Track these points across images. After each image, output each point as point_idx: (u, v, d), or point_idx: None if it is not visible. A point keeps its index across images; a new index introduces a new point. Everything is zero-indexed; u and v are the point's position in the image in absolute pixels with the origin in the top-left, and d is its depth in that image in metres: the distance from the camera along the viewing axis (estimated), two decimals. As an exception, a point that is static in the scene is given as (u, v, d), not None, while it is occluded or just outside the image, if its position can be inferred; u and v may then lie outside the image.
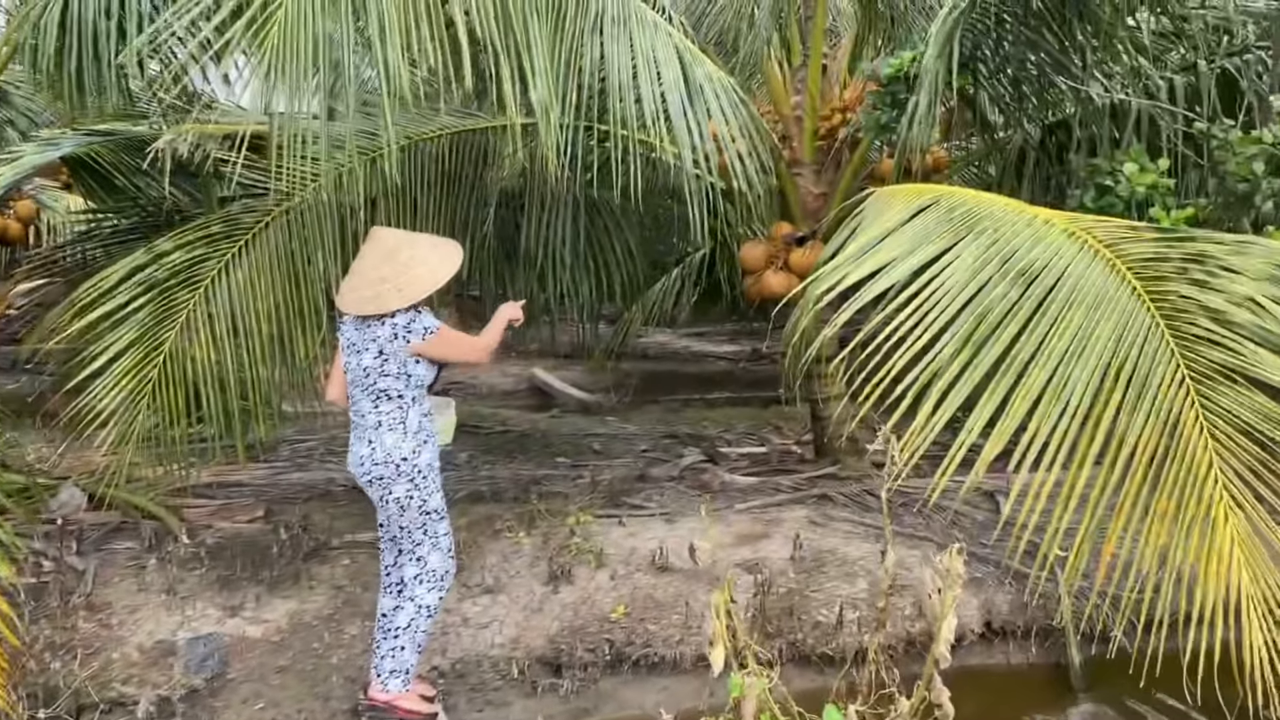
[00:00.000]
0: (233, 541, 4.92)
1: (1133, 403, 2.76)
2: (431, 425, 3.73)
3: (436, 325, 3.61)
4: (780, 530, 5.23)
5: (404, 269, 3.58)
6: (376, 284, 3.57)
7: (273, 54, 3.49)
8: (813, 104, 6.00)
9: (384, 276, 3.57)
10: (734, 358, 13.28)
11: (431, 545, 3.70)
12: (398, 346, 3.55)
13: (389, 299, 3.54)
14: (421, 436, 3.63)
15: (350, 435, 3.73)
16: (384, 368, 3.56)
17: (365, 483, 3.66)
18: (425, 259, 3.66)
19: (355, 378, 3.64)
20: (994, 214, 3.64)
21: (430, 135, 5.07)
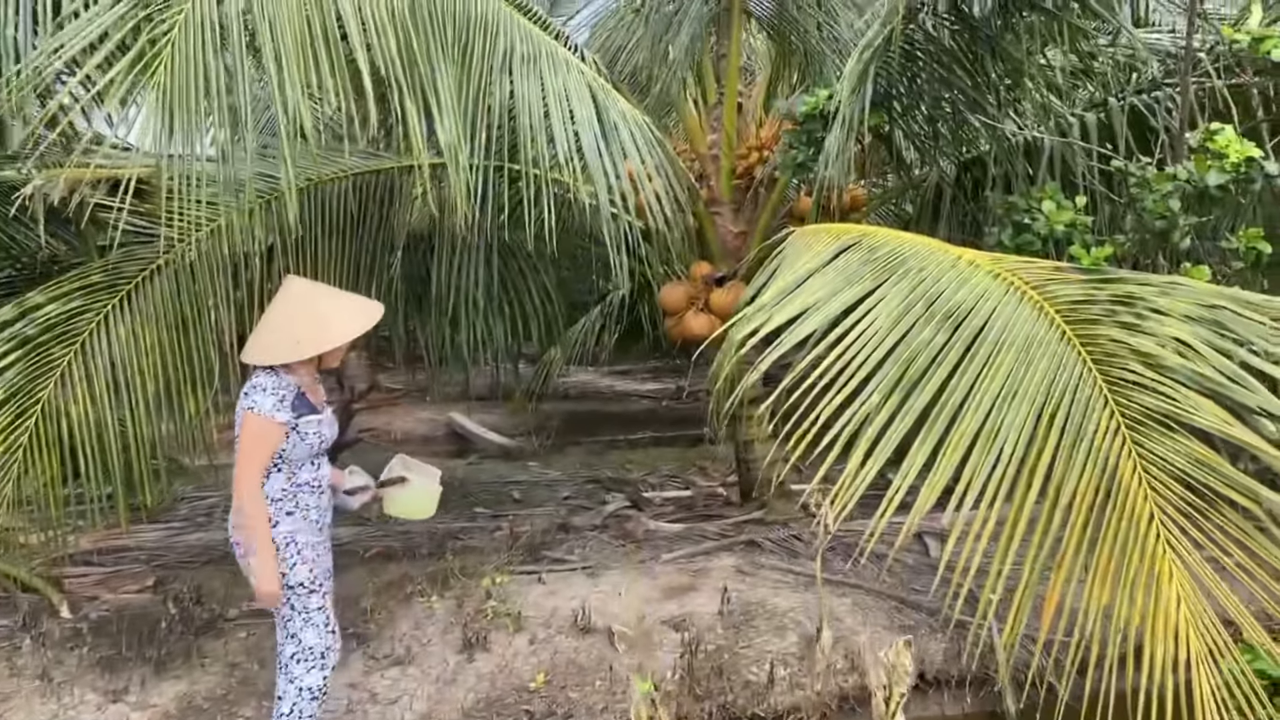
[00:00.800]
0: (119, 615, 4.53)
1: (1068, 450, 2.64)
2: (311, 496, 3.38)
3: (262, 414, 3.22)
4: (708, 581, 5.03)
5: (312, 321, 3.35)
6: (278, 334, 3.34)
7: (162, 93, 3.23)
8: (729, 142, 5.91)
9: (287, 326, 3.35)
10: (657, 396, 13.15)
11: (304, 621, 3.36)
12: (241, 409, 3.29)
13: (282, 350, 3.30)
14: (283, 506, 3.31)
15: None
16: (238, 429, 3.30)
17: (232, 546, 3.40)
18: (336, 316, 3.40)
19: None
20: (917, 255, 3.54)
21: (333, 177, 4.81)
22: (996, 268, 3.24)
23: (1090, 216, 4.33)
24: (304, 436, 3.32)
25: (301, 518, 3.35)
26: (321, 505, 3.44)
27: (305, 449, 3.34)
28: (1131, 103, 5.19)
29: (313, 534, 3.39)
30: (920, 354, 3.08)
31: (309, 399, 3.37)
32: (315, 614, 3.37)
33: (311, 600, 3.36)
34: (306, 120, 3.17)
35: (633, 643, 4.32)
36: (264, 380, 3.29)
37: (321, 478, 3.45)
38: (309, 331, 3.30)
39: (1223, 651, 2.26)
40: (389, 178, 5.02)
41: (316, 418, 3.37)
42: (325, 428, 3.42)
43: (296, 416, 3.29)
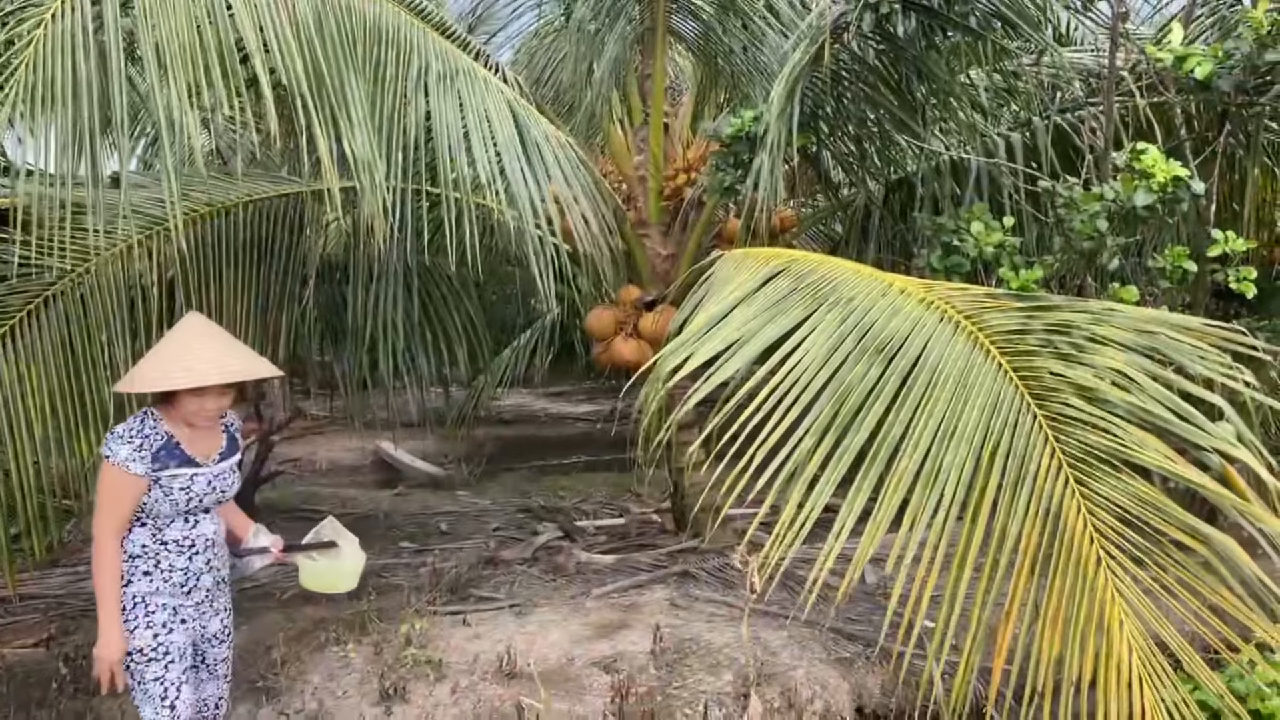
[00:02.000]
0: (9, 674, 4.21)
1: (1010, 490, 2.53)
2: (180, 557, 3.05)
3: (115, 463, 2.92)
4: (640, 617, 4.87)
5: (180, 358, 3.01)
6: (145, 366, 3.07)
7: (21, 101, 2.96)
8: (656, 163, 5.79)
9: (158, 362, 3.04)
10: (592, 418, 12.96)
11: (141, 692, 3.03)
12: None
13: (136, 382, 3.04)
14: (141, 564, 3.00)
15: None
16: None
17: None
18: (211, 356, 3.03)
19: None
20: (847, 282, 3.43)
21: (235, 202, 4.55)
22: (929, 296, 3.14)
23: (1018, 238, 4.28)
24: (168, 492, 2.99)
25: (163, 579, 3.02)
26: (193, 568, 3.08)
27: (170, 505, 3.00)
28: (1056, 122, 5.18)
29: (175, 597, 3.05)
30: (854, 390, 2.96)
31: (183, 450, 3.03)
32: (151, 685, 3.01)
33: (149, 670, 3.01)
34: (195, 138, 2.92)
35: (563, 683, 4.13)
36: (125, 427, 2.99)
37: (197, 536, 3.09)
38: (171, 368, 2.97)
39: (1180, 710, 2.15)
40: (298, 202, 4.78)
41: (189, 471, 3.03)
42: (203, 483, 3.07)
43: (158, 469, 2.96)
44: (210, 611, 3.19)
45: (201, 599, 3.14)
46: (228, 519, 3.35)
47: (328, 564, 3.43)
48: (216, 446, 3.17)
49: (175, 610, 3.06)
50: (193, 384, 2.94)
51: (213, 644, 3.22)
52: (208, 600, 3.17)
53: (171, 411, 3.04)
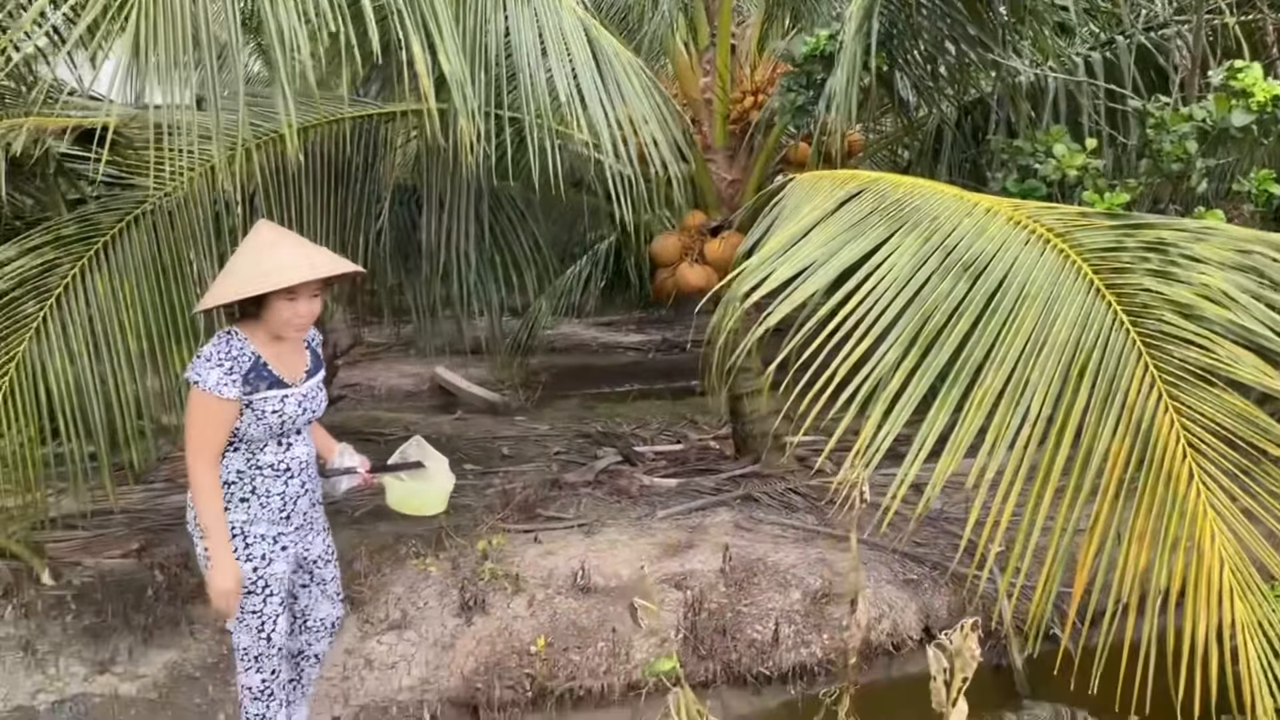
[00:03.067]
0: (103, 582, 4.40)
1: (1100, 407, 2.53)
2: (275, 482, 2.97)
3: (206, 389, 2.79)
4: (706, 538, 4.95)
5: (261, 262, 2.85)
6: (226, 279, 2.92)
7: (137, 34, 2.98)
8: (722, 86, 5.71)
9: (238, 270, 2.89)
10: (643, 348, 13.01)
11: (237, 621, 3.01)
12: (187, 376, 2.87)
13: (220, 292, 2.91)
14: (237, 491, 2.92)
15: None
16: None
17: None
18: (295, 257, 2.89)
19: None
20: (930, 202, 3.40)
21: (315, 123, 4.59)
22: (1017, 214, 3.10)
23: (1101, 160, 4.19)
24: (260, 416, 2.87)
25: (260, 506, 2.94)
26: (289, 491, 3.01)
27: (263, 429, 2.90)
28: (1140, 41, 5.02)
29: (274, 524, 2.99)
30: (938, 309, 2.95)
31: (271, 370, 2.91)
32: (250, 617, 3.00)
33: (247, 602, 2.97)
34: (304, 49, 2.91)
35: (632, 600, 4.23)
36: (211, 349, 2.85)
37: (292, 459, 3.00)
38: (252, 274, 2.82)
39: (1271, 621, 2.16)
40: (373, 126, 4.80)
41: (279, 393, 2.91)
42: (294, 404, 2.95)
43: (249, 392, 2.85)
44: (311, 533, 3.18)
45: (301, 523, 3.10)
46: (313, 439, 3.25)
47: (417, 485, 3.36)
48: (302, 365, 3.06)
49: (275, 539, 3.00)
50: (284, 284, 2.78)
51: (319, 564, 3.23)
52: (307, 524, 3.14)
53: (258, 328, 2.92)
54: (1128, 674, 2.32)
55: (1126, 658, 2.33)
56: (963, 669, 1.97)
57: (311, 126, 4.53)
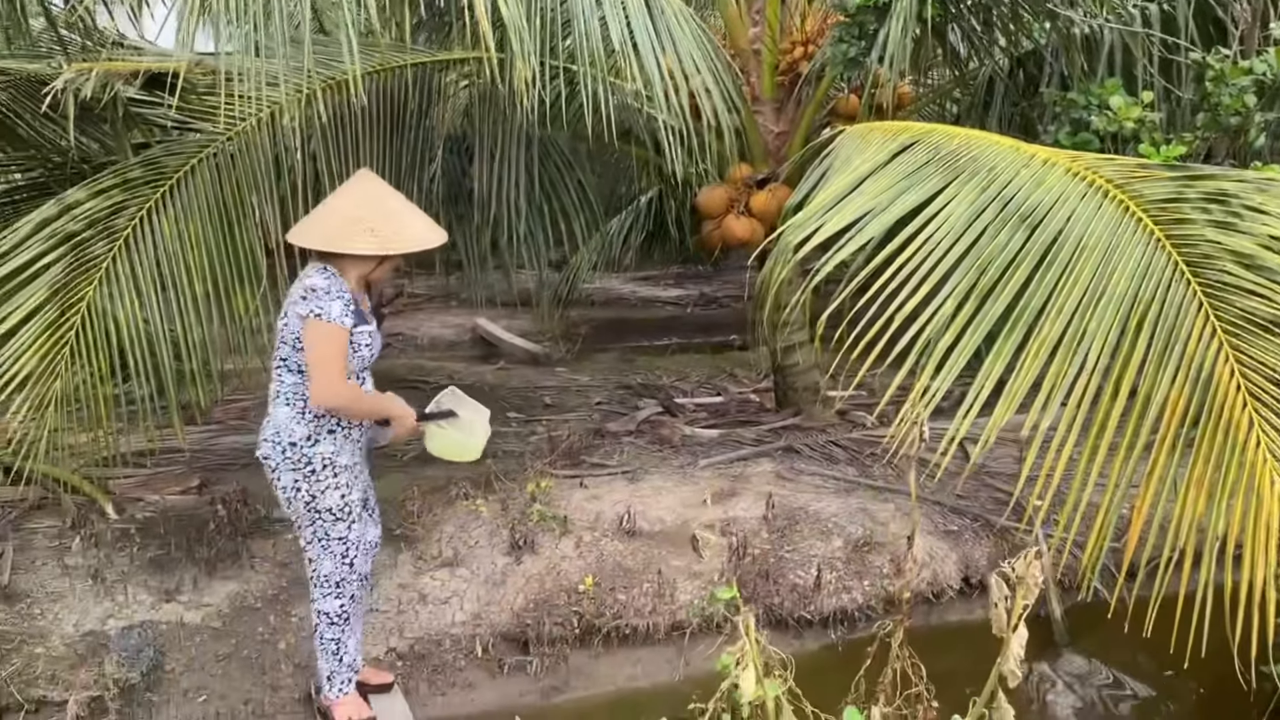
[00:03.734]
0: (165, 517, 4.55)
1: (1159, 357, 2.55)
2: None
3: (332, 319, 2.96)
4: (748, 487, 5.02)
5: (388, 217, 3.09)
6: (349, 222, 3.04)
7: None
8: (772, 36, 5.68)
9: (361, 217, 3.04)
10: (681, 302, 13.02)
11: (322, 548, 3.23)
12: (295, 315, 3.02)
13: (357, 239, 3.02)
14: (326, 424, 3.11)
15: None
16: (283, 333, 3.08)
17: (262, 459, 3.21)
18: (413, 220, 3.19)
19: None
20: (987, 153, 3.40)
21: (374, 70, 4.63)
22: (1076, 166, 3.10)
23: (1158, 113, 4.15)
24: (356, 349, 3.08)
25: (344, 438, 3.16)
26: (364, 425, 3.26)
27: (357, 362, 3.12)
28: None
29: (353, 455, 3.21)
30: (994, 260, 2.97)
31: (359, 307, 3.12)
32: (335, 544, 3.24)
33: (334, 529, 3.22)
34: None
35: (680, 543, 4.32)
36: (324, 283, 2.99)
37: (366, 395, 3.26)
38: (385, 227, 3.01)
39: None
40: (428, 73, 4.84)
41: (367, 329, 3.15)
42: (375, 340, 3.20)
43: (353, 325, 3.03)
44: (368, 464, 3.43)
45: (367, 452, 3.38)
46: None
47: (458, 435, 3.49)
48: (368, 306, 3.28)
49: (355, 469, 3.21)
50: (421, 247, 3.10)
51: (370, 491, 3.45)
52: (365, 454, 3.39)
53: (350, 270, 3.08)
54: (1180, 625, 2.37)
55: (1180, 608, 2.38)
56: (1025, 596, 2.02)
57: (369, 74, 4.58)
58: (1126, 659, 4.09)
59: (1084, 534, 4.24)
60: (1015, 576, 2.02)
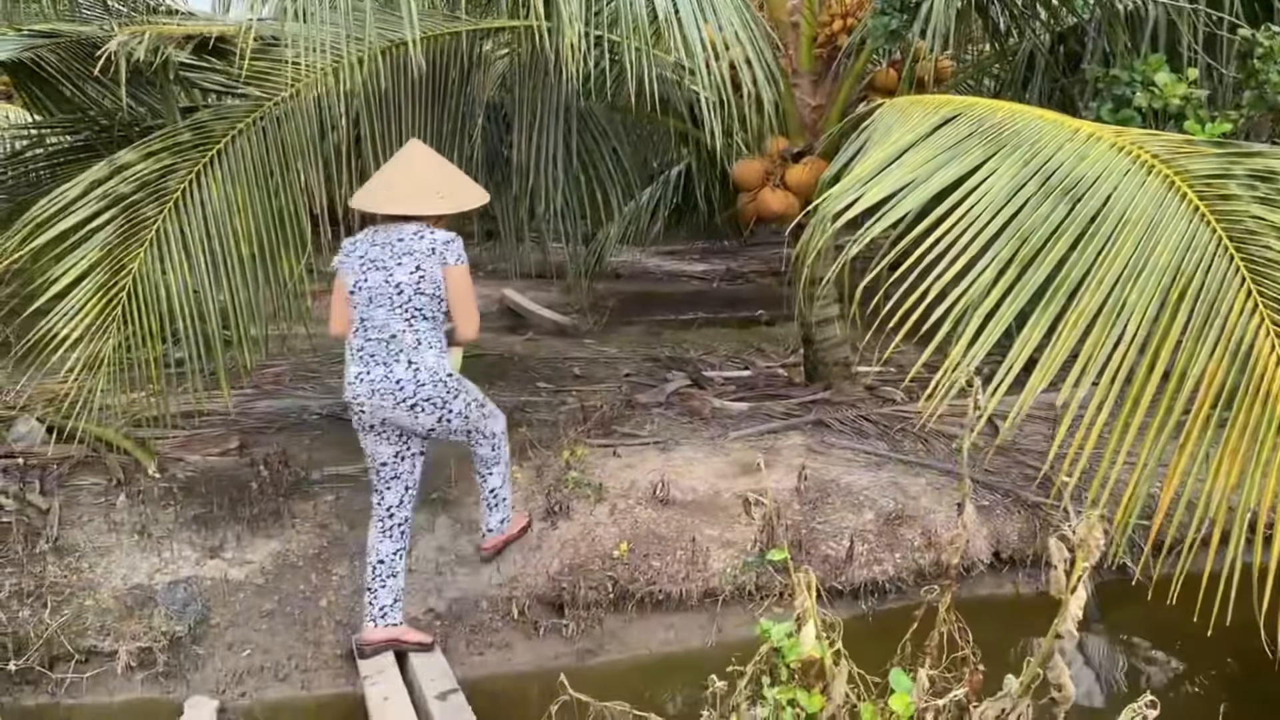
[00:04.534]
0: (207, 476, 4.65)
1: (1197, 331, 2.56)
2: None
3: (467, 263, 3.51)
4: (780, 459, 5.06)
5: (451, 179, 3.61)
6: (421, 188, 3.48)
7: None
8: (810, 9, 5.66)
9: (428, 182, 3.50)
10: (708, 277, 13.04)
11: (492, 417, 3.81)
12: (434, 263, 3.43)
13: (432, 203, 3.48)
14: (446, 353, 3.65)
15: (359, 359, 3.51)
16: (420, 285, 3.42)
17: (406, 406, 3.48)
18: (467, 182, 3.67)
19: (381, 296, 3.44)
20: (1030, 126, 3.40)
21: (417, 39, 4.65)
22: (1120, 140, 3.10)
23: (1204, 90, 4.13)
24: None
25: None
26: None
27: None
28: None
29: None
30: (1036, 231, 2.98)
31: None
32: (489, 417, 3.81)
33: (482, 407, 3.76)
34: None
35: (712, 512, 4.37)
36: (454, 237, 3.50)
37: None
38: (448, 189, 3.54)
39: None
40: (467, 42, 4.86)
41: None
42: None
43: None
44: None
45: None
46: None
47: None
48: None
49: None
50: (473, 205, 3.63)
51: None
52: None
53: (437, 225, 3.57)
54: (1206, 600, 2.40)
55: (1206, 584, 2.41)
56: (1086, 557, 2.05)
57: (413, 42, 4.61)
58: (1152, 634, 4.12)
59: (1114, 510, 4.30)
60: (1077, 539, 2.04)
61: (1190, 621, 2.57)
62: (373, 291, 3.43)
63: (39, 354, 3.96)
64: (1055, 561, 2.13)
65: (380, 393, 3.46)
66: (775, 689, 2.49)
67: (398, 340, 3.43)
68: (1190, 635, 3.48)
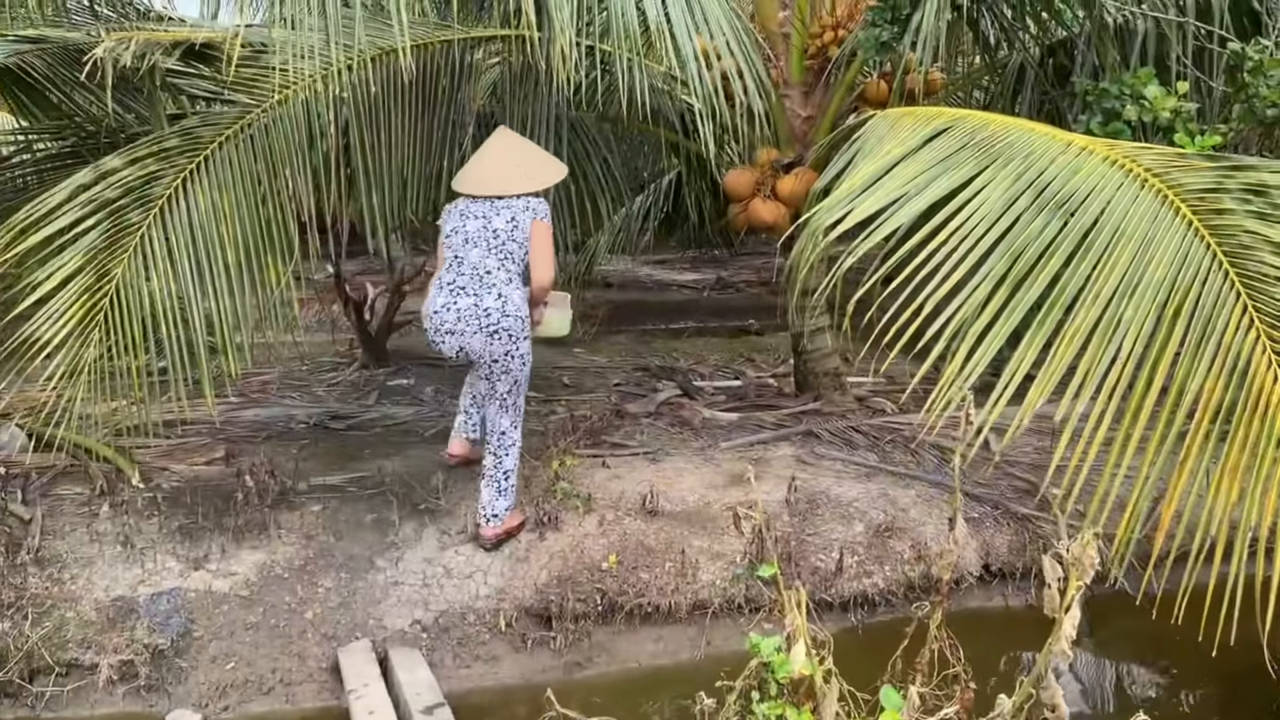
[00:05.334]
0: (191, 486, 4.60)
1: (1194, 347, 2.55)
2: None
3: (549, 222, 4.09)
4: (769, 470, 5.04)
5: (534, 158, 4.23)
6: (508, 171, 4.09)
7: None
8: (801, 18, 5.66)
9: (514, 165, 4.11)
10: (697, 286, 13.02)
11: (519, 391, 4.19)
12: (526, 218, 4.02)
13: (518, 183, 4.06)
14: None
15: (448, 291, 4.02)
16: (513, 233, 4.00)
17: (489, 337, 3.96)
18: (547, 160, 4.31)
19: (478, 238, 4.01)
20: (1022, 140, 3.40)
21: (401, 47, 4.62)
22: (1113, 154, 3.10)
23: (1194, 104, 4.13)
24: None
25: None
26: None
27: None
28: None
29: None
30: (1029, 246, 2.98)
31: None
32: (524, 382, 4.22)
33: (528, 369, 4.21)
34: None
35: (702, 523, 4.35)
36: (541, 201, 4.08)
37: None
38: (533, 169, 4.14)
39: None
40: (460, 50, 4.83)
41: None
42: None
43: None
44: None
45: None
46: None
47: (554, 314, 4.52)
48: None
49: None
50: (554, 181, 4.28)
51: None
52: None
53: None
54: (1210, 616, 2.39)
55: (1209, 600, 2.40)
56: (1079, 576, 2.03)
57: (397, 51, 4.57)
58: (1147, 650, 4.11)
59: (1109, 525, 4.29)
60: (1071, 558, 2.02)
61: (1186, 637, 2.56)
62: (470, 234, 4.01)
63: (20, 360, 3.90)
64: (1049, 580, 2.11)
65: (466, 319, 3.95)
66: (764, 704, 2.47)
67: (492, 275, 3.97)
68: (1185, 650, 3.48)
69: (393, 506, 4.40)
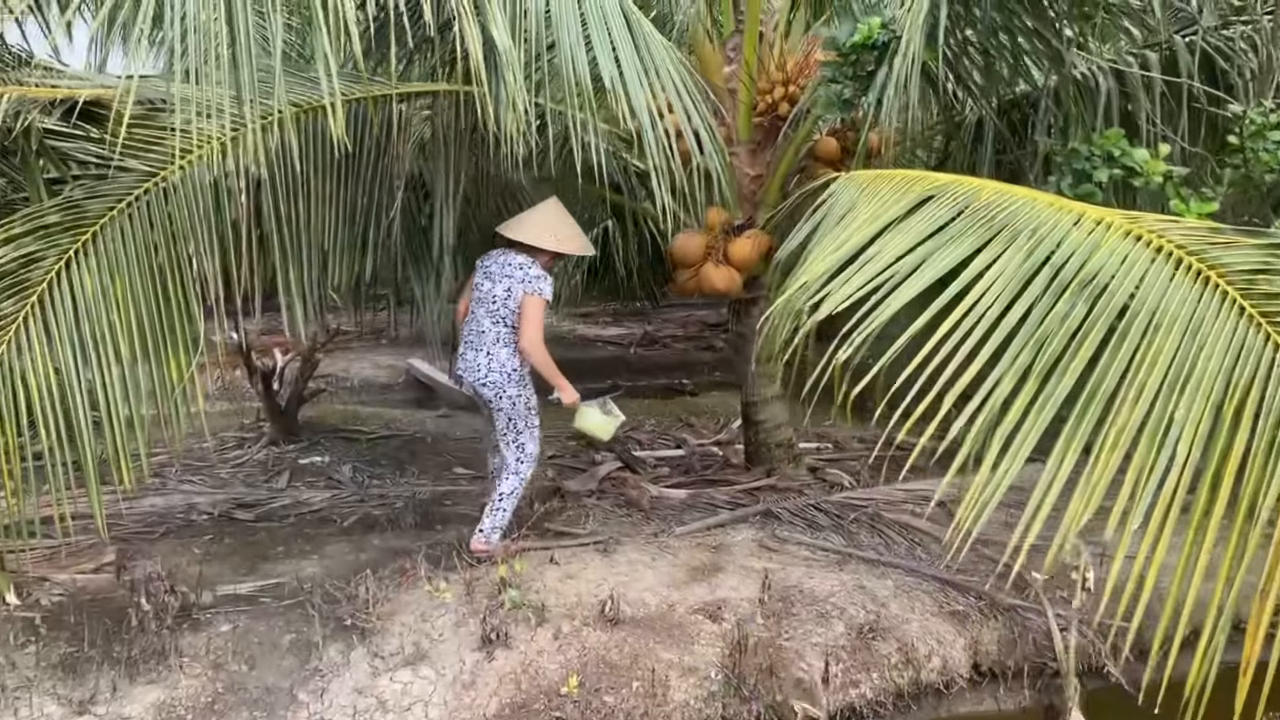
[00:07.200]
0: (76, 602, 3.99)
1: (1264, 453, 2.23)
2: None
3: (547, 296, 4.41)
4: (731, 559, 4.64)
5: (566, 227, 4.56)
6: (542, 228, 4.45)
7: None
8: (749, 74, 5.36)
9: (549, 225, 4.48)
10: (623, 342, 12.65)
11: (530, 435, 4.55)
12: (520, 288, 4.37)
13: (545, 239, 4.44)
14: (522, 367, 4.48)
15: (464, 344, 4.53)
16: (508, 301, 4.38)
17: (480, 386, 4.46)
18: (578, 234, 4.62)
19: (484, 299, 4.44)
20: (1026, 210, 3.09)
21: (321, 104, 4.14)
22: (1136, 228, 2.79)
23: (1184, 168, 3.91)
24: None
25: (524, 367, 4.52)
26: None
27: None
28: (1197, 42, 4.74)
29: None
30: (1054, 334, 2.64)
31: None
32: (537, 430, 4.60)
33: (536, 419, 4.58)
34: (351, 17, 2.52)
35: (669, 630, 3.89)
36: (539, 273, 4.40)
37: None
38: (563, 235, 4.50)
39: None
40: (386, 106, 4.37)
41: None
42: None
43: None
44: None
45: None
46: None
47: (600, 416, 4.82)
48: None
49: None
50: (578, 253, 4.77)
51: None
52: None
53: (538, 257, 4.47)
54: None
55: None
56: None
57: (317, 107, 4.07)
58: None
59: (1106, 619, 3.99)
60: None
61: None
62: (481, 295, 4.46)
63: None
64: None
65: (469, 370, 4.48)
66: None
67: (485, 335, 4.43)
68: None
69: (314, 623, 3.84)
